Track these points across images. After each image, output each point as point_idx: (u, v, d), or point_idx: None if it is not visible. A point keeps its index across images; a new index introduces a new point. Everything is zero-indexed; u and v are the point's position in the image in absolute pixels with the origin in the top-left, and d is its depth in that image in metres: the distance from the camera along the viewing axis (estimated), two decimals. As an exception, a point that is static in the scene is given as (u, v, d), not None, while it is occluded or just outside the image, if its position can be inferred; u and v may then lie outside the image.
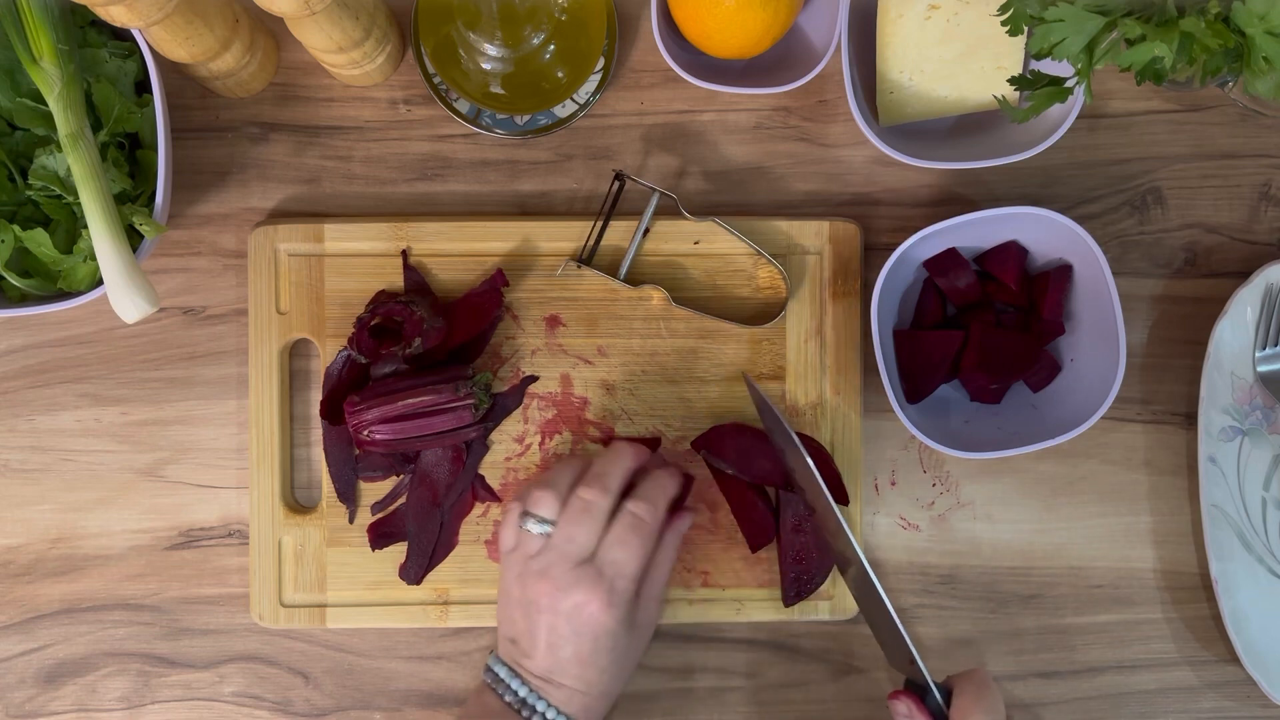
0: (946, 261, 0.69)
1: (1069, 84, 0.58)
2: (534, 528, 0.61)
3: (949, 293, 0.70)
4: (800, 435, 0.70)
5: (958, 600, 0.72)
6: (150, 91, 0.64)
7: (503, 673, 0.61)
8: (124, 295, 0.60)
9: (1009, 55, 0.67)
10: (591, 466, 0.63)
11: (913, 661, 0.61)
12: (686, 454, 0.70)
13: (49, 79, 0.61)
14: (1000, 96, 0.66)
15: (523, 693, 0.60)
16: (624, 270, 0.69)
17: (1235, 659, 0.70)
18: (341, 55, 0.65)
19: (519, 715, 0.60)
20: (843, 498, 0.69)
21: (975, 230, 0.68)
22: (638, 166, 0.72)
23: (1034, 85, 0.60)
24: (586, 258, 0.69)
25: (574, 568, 0.60)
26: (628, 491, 0.63)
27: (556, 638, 0.60)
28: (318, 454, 0.71)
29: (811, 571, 0.68)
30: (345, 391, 0.68)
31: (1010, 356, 0.68)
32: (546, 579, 0.60)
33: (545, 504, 0.61)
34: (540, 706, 0.60)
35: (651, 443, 0.70)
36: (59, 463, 0.71)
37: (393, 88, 0.72)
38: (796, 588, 0.68)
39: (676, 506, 0.65)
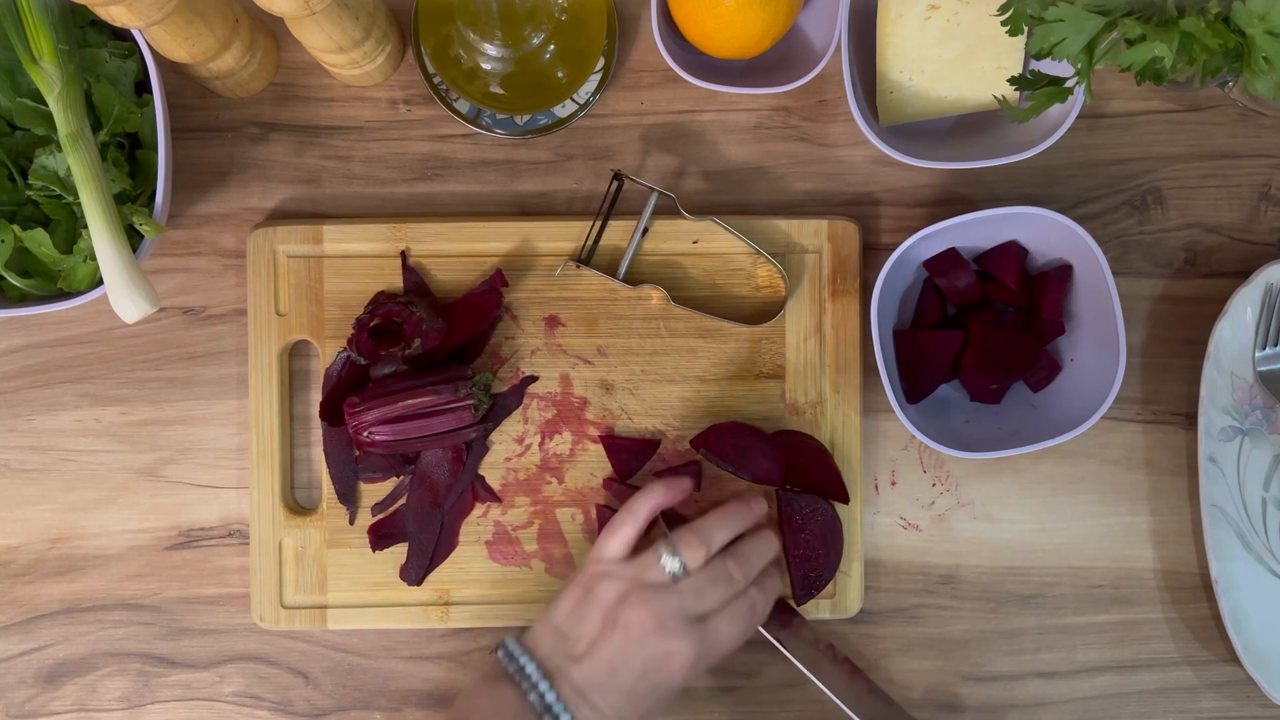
0: (946, 261, 0.69)
1: (1069, 84, 0.58)
2: (670, 564, 0.61)
3: (949, 293, 0.70)
4: (800, 435, 0.70)
5: (958, 600, 0.72)
6: (150, 91, 0.64)
7: (531, 670, 0.58)
8: (124, 295, 0.60)
9: (1009, 55, 0.67)
10: (743, 543, 0.63)
11: None
12: (686, 453, 0.70)
13: (49, 79, 0.61)
14: (1000, 96, 0.66)
15: (549, 698, 0.57)
16: (623, 270, 0.69)
17: (1235, 659, 0.70)
18: (341, 55, 0.65)
19: (535, 718, 0.57)
20: (843, 497, 0.69)
21: (975, 230, 0.68)
22: (637, 166, 0.72)
23: (1034, 85, 0.60)
24: (585, 257, 0.69)
25: (686, 621, 0.59)
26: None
27: (624, 663, 0.58)
28: (318, 454, 0.71)
29: (819, 568, 0.68)
30: (345, 392, 0.68)
31: (1010, 356, 0.68)
32: (654, 615, 0.58)
33: (696, 554, 0.61)
34: None
35: (650, 444, 0.70)
36: (59, 463, 0.71)
37: (393, 88, 0.72)
38: (806, 586, 0.68)
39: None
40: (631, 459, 0.70)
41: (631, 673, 0.58)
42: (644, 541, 0.63)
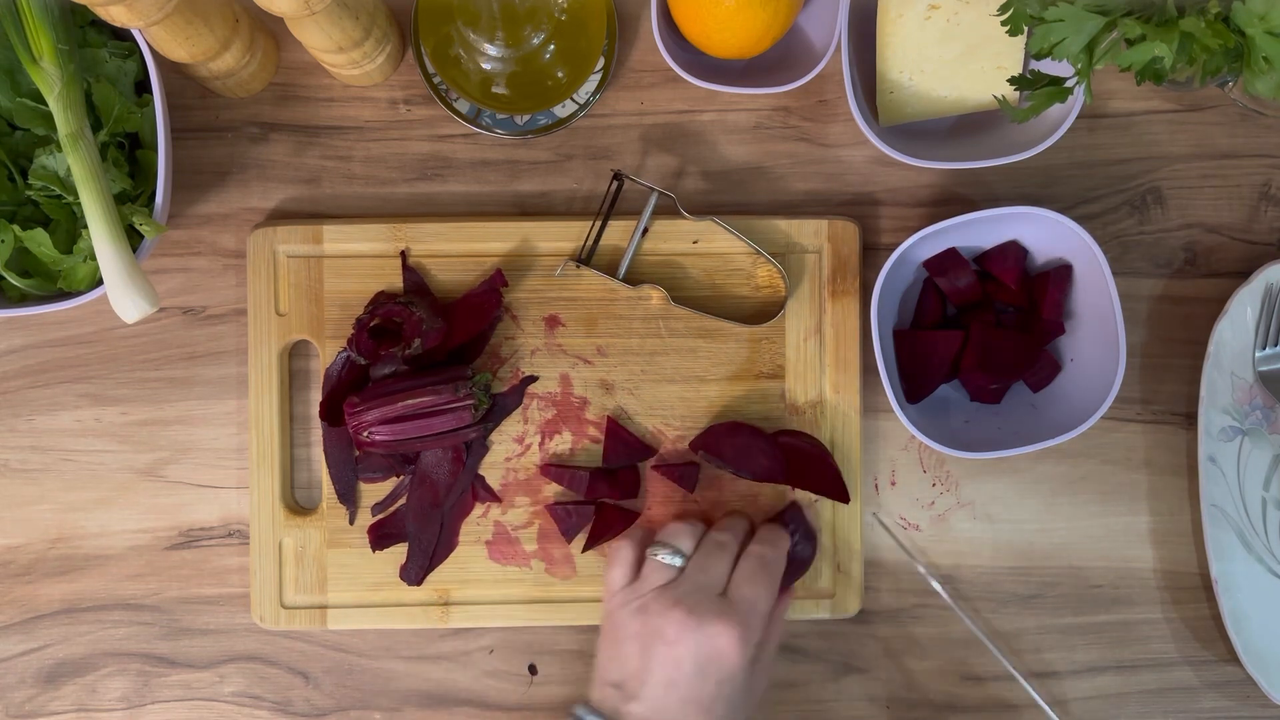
0: (946, 261, 0.69)
1: (1069, 84, 0.58)
2: (667, 558, 0.61)
3: (949, 293, 0.70)
4: (800, 434, 0.70)
5: (958, 600, 0.72)
6: (150, 91, 0.64)
7: None
8: (124, 295, 0.60)
9: (1009, 55, 0.67)
10: (719, 523, 0.65)
11: None
12: (686, 453, 0.70)
13: (49, 79, 0.61)
14: (1000, 96, 0.66)
15: None
16: (623, 270, 0.69)
17: (1235, 659, 0.70)
18: (341, 55, 0.65)
19: None
20: (843, 497, 0.69)
21: (975, 230, 0.68)
22: (637, 166, 0.72)
23: (1034, 85, 0.60)
24: (585, 258, 0.69)
25: (710, 598, 0.59)
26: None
27: (677, 674, 0.56)
28: (318, 454, 0.71)
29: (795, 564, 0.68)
30: (345, 392, 0.68)
31: (1010, 356, 0.68)
32: (680, 607, 0.58)
33: (683, 537, 0.62)
34: None
35: (648, 449, 0.70)
36: (59, 463, 0.71)
37: (393, 88, 0.72)
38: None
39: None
40: (625, 453, 0.69)
41: (687, 678, 0.56)
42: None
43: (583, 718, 0.58)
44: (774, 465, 0.68)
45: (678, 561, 0.61)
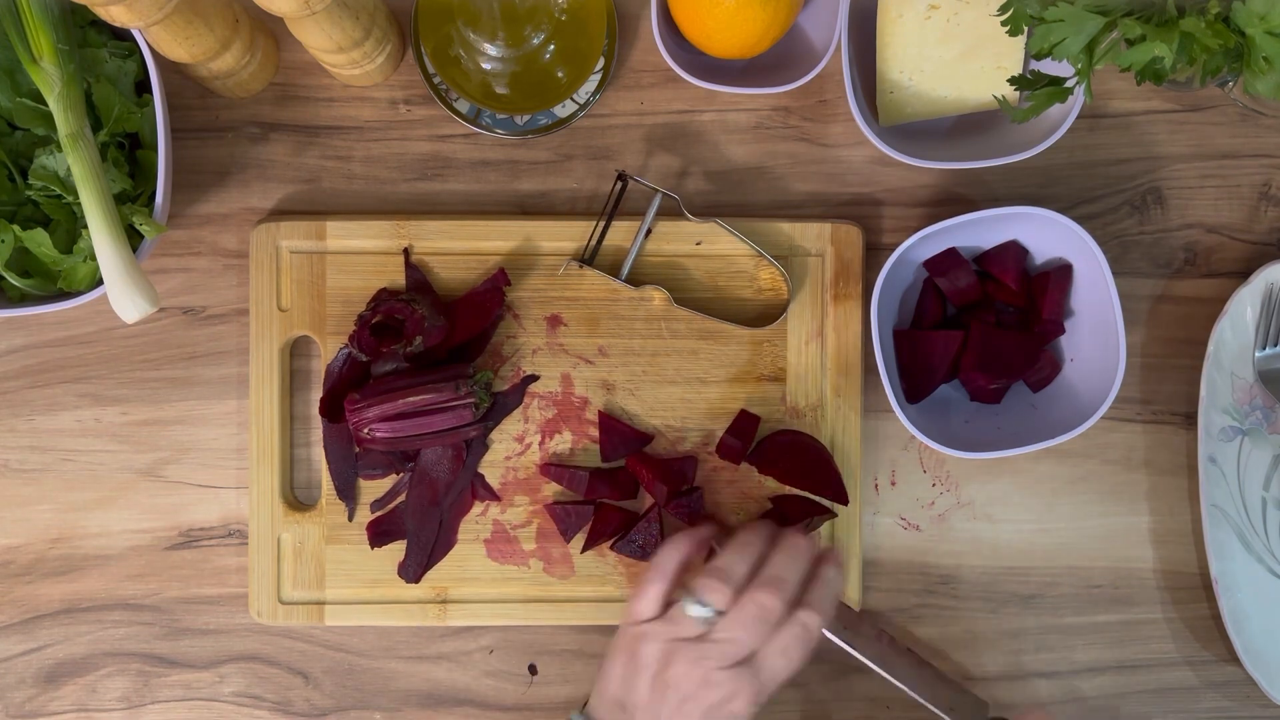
0: (946, 261, 0.69)
1: (1069, 84, 0.58)
2: (696, 612, 0.58)
3: (949, 293, 0.70)
4: (802, 435, 0.70)
5: (958, 600, 0.72)
6: (150, 91, 0.64)
7: None
8: (124, 295, 0.60)
9: (1009, 55, 0.67)
10: (770, 564, 0.60)
11: None
12: (685, 455, 0.70)
13: (49, 79, 0.61)
14: (1000, 96, 0.66)
15: None
16: (626, 270, 0.69)
17: (1235, 659, 0.70)
18: (341, 55, 0.65)
19: None
20: (842, 499, 0.69)
21: (975, 230, 0.68)
22: (638, 166, 0.72)
23: (1034, 85, 0.60)
24: (588, 258, 0.69)
25: (731, 667, 0.57)
26: None
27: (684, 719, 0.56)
28: (318, 454, 0.71)
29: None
30: (346, 389, 0.68)
31: (1010, 356, 0.68)
32: (699, 668, 0.57)
33: (719, 595, 0.58)
34: None
35: (643, 437, 0.70)
36: (59, 463, 0.71)
37: (393, 88, 0.72)
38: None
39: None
40: (621, 445, 0.69)
41: None
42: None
43: None
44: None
45: (707, 614, 0.58)
